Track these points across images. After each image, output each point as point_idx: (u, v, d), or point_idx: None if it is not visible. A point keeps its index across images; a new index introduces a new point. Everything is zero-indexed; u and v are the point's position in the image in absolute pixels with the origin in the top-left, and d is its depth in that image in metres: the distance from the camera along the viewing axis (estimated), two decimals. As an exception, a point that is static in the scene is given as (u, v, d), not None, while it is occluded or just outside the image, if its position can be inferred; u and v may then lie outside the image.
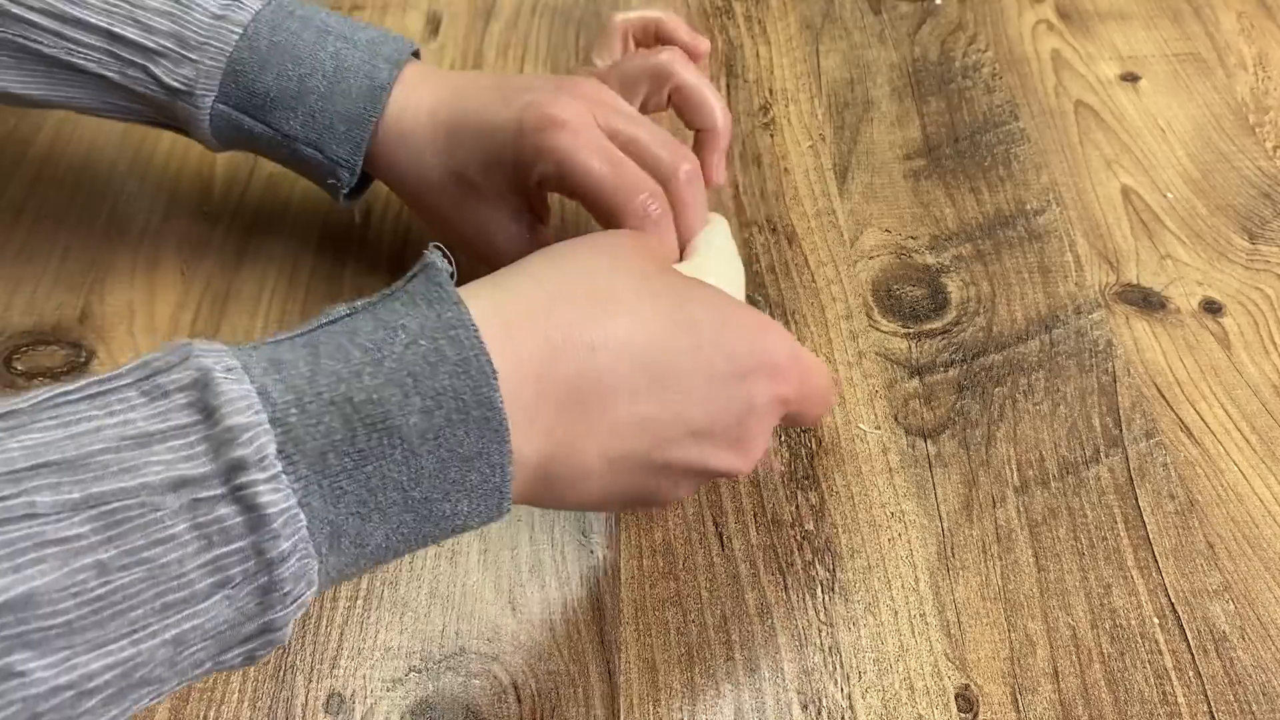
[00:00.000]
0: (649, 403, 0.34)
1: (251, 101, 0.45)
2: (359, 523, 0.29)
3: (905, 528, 0.44)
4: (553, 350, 0.32)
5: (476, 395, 0.30)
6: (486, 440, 0.30)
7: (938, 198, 0.57)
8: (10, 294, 0.53)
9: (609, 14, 0.49)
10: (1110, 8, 0.68)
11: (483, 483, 0.31)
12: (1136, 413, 0.47)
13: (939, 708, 0.39)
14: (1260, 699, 0.39)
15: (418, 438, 0.29)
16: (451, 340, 0.30)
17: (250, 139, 0.47)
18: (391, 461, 0.29)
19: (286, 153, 0.47)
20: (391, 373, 0.29)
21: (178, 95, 0.45)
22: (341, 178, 0.46)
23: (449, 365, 0.30)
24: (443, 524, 0.31)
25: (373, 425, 0.29)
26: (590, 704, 0.39)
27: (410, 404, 0.29)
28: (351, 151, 0.46)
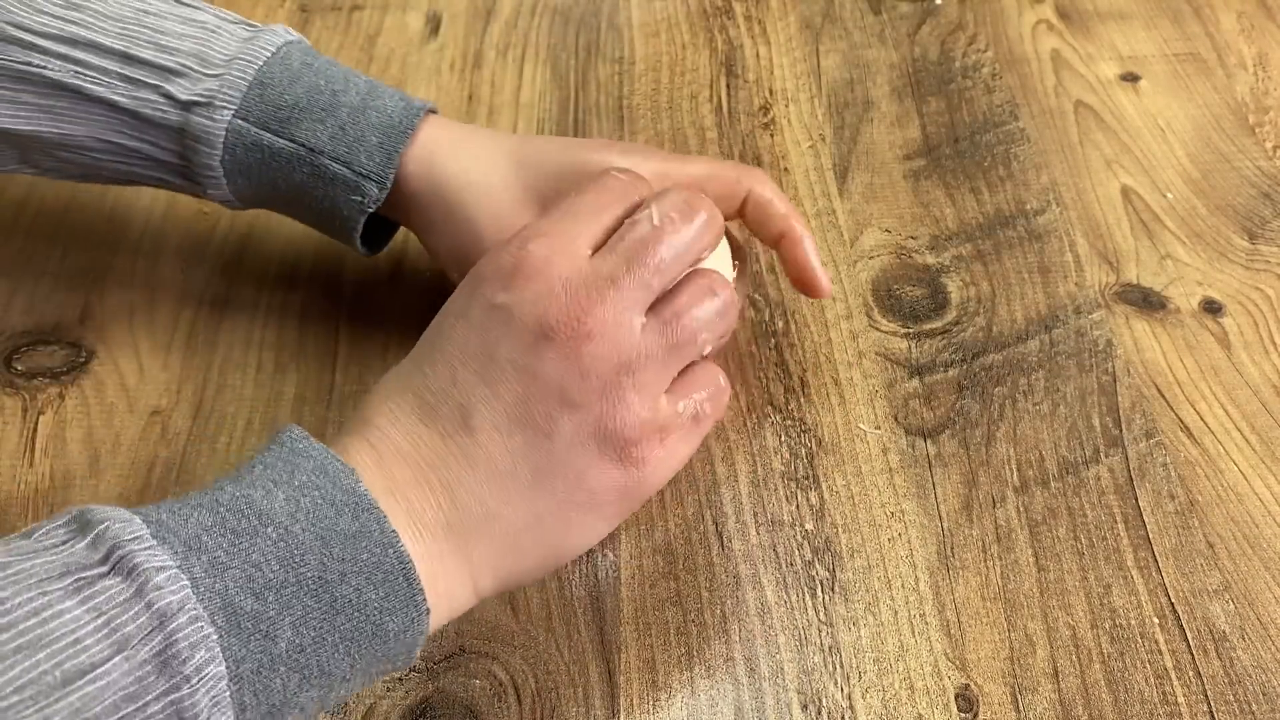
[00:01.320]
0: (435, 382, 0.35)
1: (276, 115, 0.43)
2: (254, 601, 0.29)
3: (905, 527, 0.44)
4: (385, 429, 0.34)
5: (338, 486, 0.31)
6: (363, 521, 0.31)
7: (938, 198, 0.57)
8: (10, 294, 0.53)
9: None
10: (1110, 8, 0.68)
11: (377, 563, 0.31)
12: (1136, 413, 0.47)
13: (939, 708, 0.39)
14: (1260, 699, 0.39)
15: (287, 518, 0.30)
16: (305, 456, 0.32)
17: (266, 162, 0.44)
18: (266, 539, 0.30)
19: (308, 172, 0.44)
20: (253, 480, 0.31)
21: (192, 109, 0.43)
22: (369, 193, 0.43)
23: (305, 471, 0.32)
24: (357, 618, 0.30)
25: (240, 511, 0.30)
26: (590, 704, 0.39)
27: (273, 495, 0.31)
28: (383, 163, 0.43)
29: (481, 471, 0.34)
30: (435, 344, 0.36)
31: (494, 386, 0.34)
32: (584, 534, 0.36)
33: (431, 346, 0.36)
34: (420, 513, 0.33)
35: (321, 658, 0.30)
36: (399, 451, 0.34)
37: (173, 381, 0.49)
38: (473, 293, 0.36)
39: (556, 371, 0.34)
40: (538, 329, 0.34)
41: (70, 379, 0.49)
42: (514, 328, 0.34)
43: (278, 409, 0.48)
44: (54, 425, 0.47)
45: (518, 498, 0.34)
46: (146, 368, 0.50)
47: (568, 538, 0.35)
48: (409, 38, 0.67)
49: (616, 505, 0.36)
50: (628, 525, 0.44)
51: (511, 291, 0.34)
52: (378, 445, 0.34)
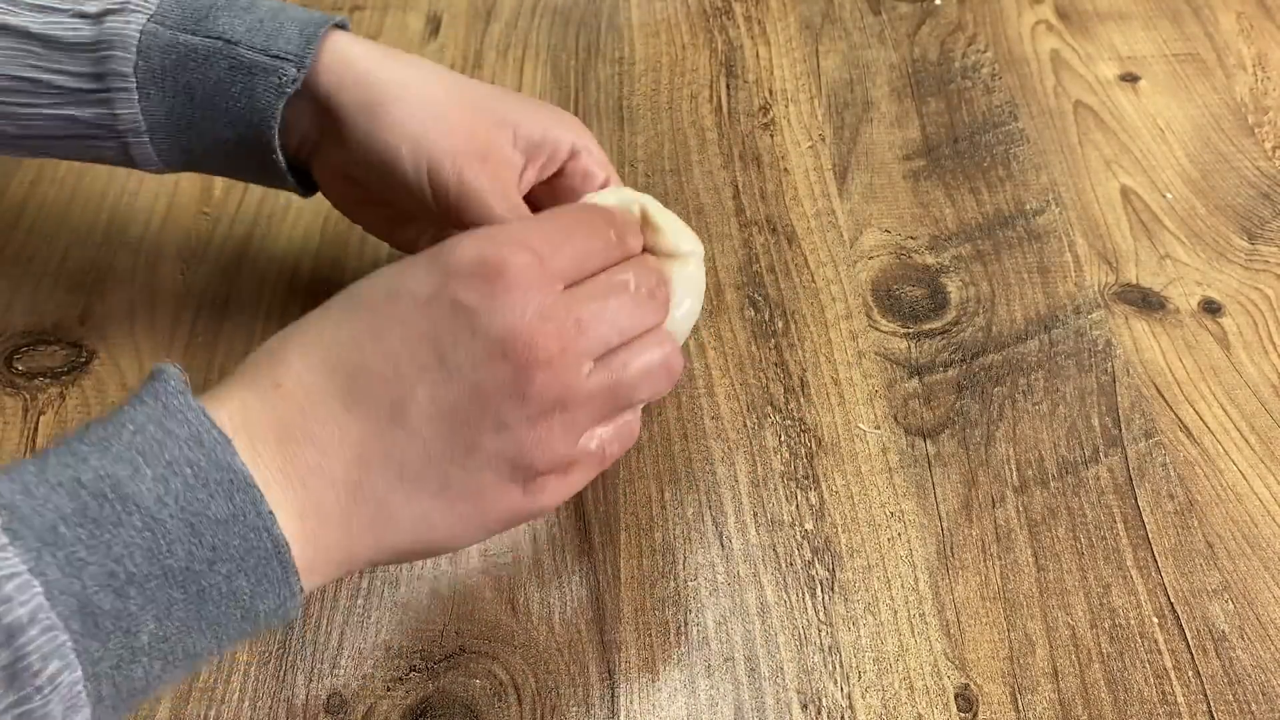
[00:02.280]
0: (352, 400, 0.33)
1: (193, 15, 0.42)
2: (115, 599, 0.27)
3: (905, 527, 0.44)
4: (245, 410, 0.32)
5: (213, 460, 0.30)
6: (237, 502, 0.29)
7: (937, 198, 0.57)
8: (10, 294, 0.53)
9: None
10: (1109, 8, 0.68)
11: (249, 551, 0.30)
12: (1136, 413, 0.48)
13: (939, 707, 0.39)
14: (1260, 699, 0.39)
15: (155, 502, 0.28)
16: (181, 422, 0.30)
17: (181, 64, 0.41)
18: (130, 528, 0.28)
19: (225, 66, 0.42)
20: (119, 454, 0.29)
21: (105, 19, 0.41)
22: (286, 74, 0.41)
23: (179, 442, 0.29)
24: (226, 605, 0.29)
25: (103, 496, 0.28)
26: (590, 704, 0.39)
27: (142, 474, 0.29)
28: (301, 47, 0.41)
29: (393, 471, 0.33)
30: (381, 318, 0.34)
31: (435, 389, 0.33)
32: (458, 540, 0.35)
33: (375, 317, 0.34)
34: (316, 502, 0.32)
35: (187, 643, 0.29)
36: (309, 435, 0.32)
37: (173, 381, 0.49)
38: (439, 282, 0.34)
39: (500, 390, 0.33)
40: (498, 344, 0.33)
41: (71, 379, 0.49)
42: (475, 336, 0.33)
43: (278, 409, 0.48)
44: (55, 425, 0.47)
45: (416, 502, 0.33)
46: (146, 368, 0.50)
47: (445, 545, 0.35)
48: (409, 38, 0.67)
49: (500, 523, 0.35)
50: (628, 525, 0.44)
51: (484, 297, 0.33)
52: (285, 421, 0.32)
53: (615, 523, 0.44)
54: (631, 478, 0.46)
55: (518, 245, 0.34)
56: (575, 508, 0.44)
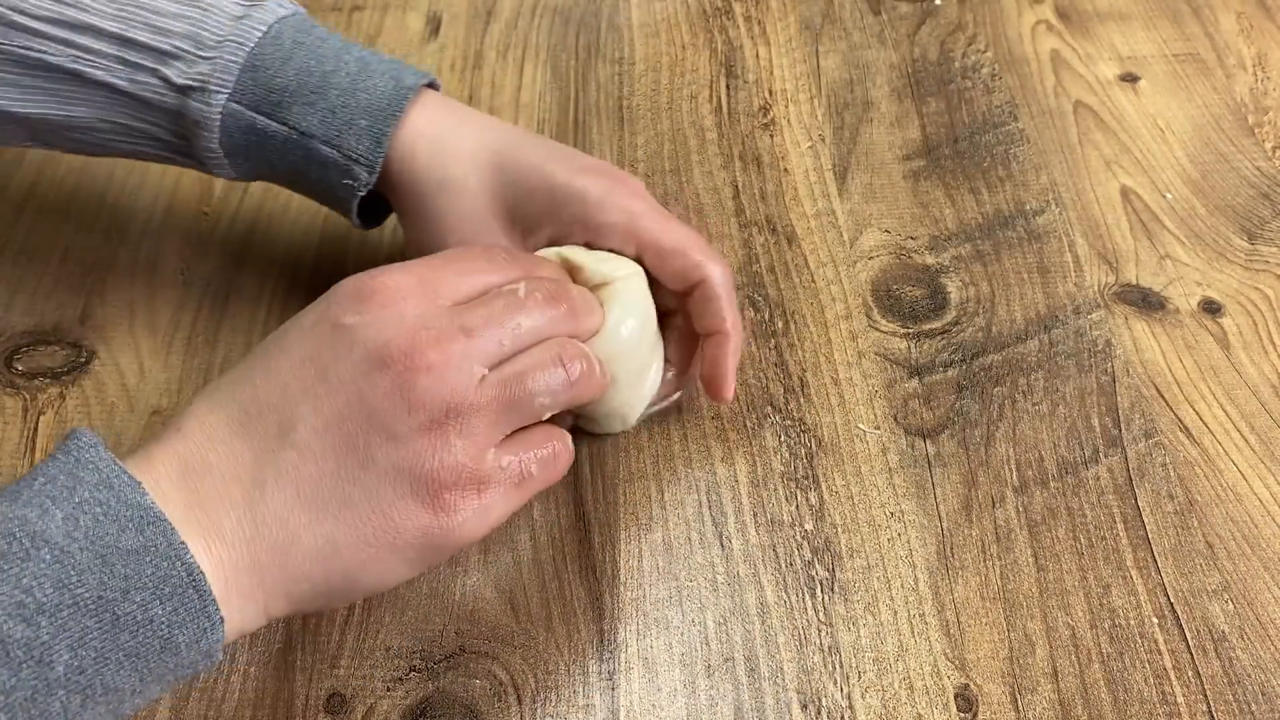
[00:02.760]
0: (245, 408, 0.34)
1: (268, 98, 0.43)
2: (25, 628, 0.28)
3: (905, 527, 0.44)
4: (148, 455, 0.33)
5: (123, 499, 0.30)
6: (148, 535, 0.30)
7: (937, 198, 0.57)
8: (10, 294, 0.53)
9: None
10: (1109, 8, 0.68)
11: (164, 577, 0.30)
12: (1135, 413, 0.48)
13: (938, 707, 0.39)
14: (1260, 699, 0.39)
15: (64, 538, 0.29)
16: (89, 468, 0.31)
17: (262, 144, 0.44)
18: (39, 561, 0.28)
19: (301, 155, 0.44)
20: (29, 500, 0.30)
21: (189, 94, 0.43)
22: (359, 177, 0.44)
23: (87, 487, 0.30)
24: (143, 634, 0.29)
25: (11, 533, 0.29)
26: (590, 704, 0.39)
27: (50, 515, 0.29)
28: (371, 147, 0.43)
29: (289, 490, 0.33)
30: (270, 355, 0.35)
31: (319, 403, 0.33)
32: (379, 574, 0.35)
33: (266, 357, 0.35)
34: (219, 527, 0.32)
35: (105, 676, 0.29)
36: (206, 464, 0.33)
37: (173, 381, 0.49)
38: (321, 311, 0.36)
39: (385, 399, 0.33)
40: (376, 354, 0.34)
41: (71, 379, 0.49)
42: (354, 349, 0.34)
43: (278, 409, 0.48)
44: (55, 425, 0.47)
45: (320, 524, 0.33)
46: (147, 368, 0.50)
47: (362, 575, 0.34)
48: (409, 38, 0.67)
49: (419, 550, 0.35)
50: (628, 525, 0.44)
51: (359, 314, 0.35)
52: (185, 456, 0.33)
53: (615, 523, 0.44)
54: (631, 478, 0.46)
55: (396, 271, 0.36)
56: (575, 507, 0.45)
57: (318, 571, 0.33)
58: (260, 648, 0.41)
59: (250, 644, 0.41)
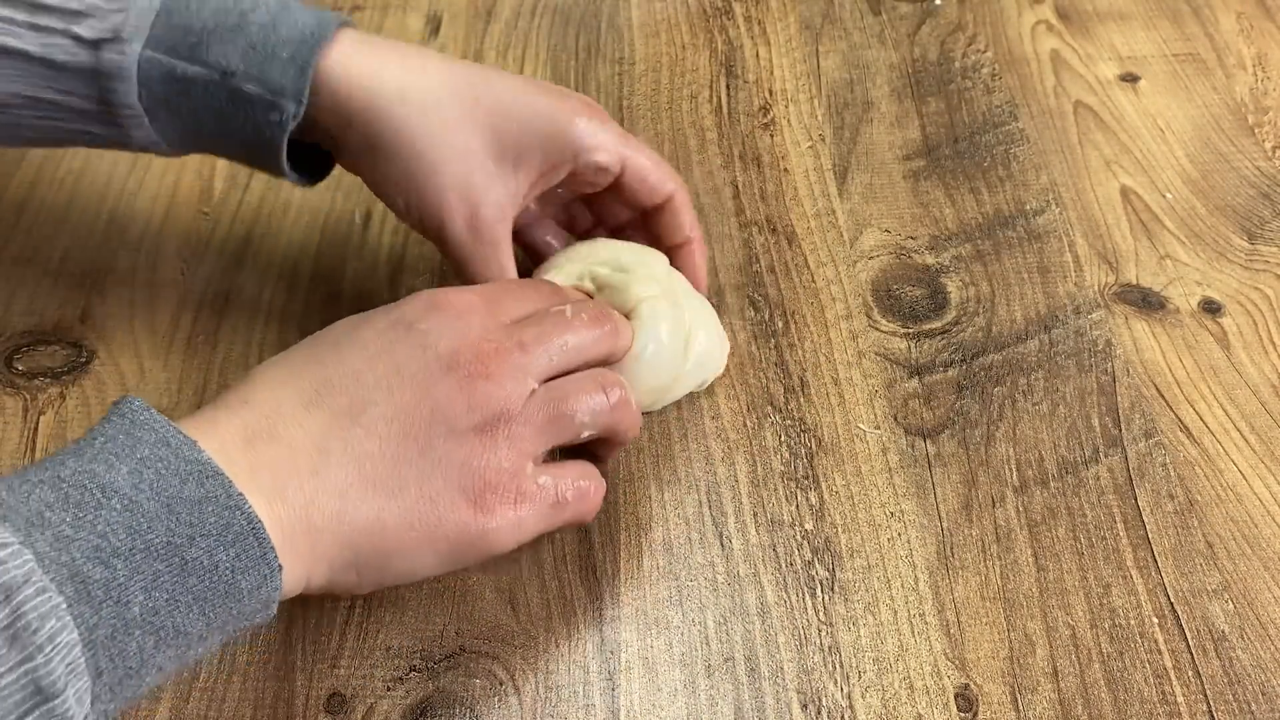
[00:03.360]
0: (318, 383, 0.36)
1: (186, 40, 0.41)
2: (103, 569, 0.29)
3: (905, 527, 0.44)
4: (212, 423, 0.34)
5: (180, 455, 0.32)
6: (208, 486, 0.31)
7: (937, 198, 0.57)
8: (10, 294, 0.53)
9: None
10: (1109, 8, 0.68)
11: (225, 528, 0.31)
12: (1136, 413, 0.48)
13: (939, 707, 0.39)
14: (1260, 699, 0.39)
15: (132, 489, 0.30)
16: (147, 428, 0.32)
17: (183, 92, 0.42)
18: (111, 510, 0.30)
19: (224, 98, 0.42)
20: (93, 456, 0.31)
21: (102, 47, 0.41)
22: (285, 109, 0.41)
23: (147, 446, 0.32)
24: (209, 579, 0.31)
25: (83, 486, 0.30)
26: (590, 704, 0.39)
27: (116, 468, 0.31)
28: (296, 77, 0.41)
29: (352, 465, 0.35)
30: (342, 346, 0.37)
31: (390, 393, 0.36)
32: (411, 563, 0.36)
33: (337, 347, 0.37)
34: (282, 489, 0.34)
35: (176, 619, 0.30)
36: (273, 434, 0.34)
37: (173, 381, 0.49)
38: (396, 316, 0.38)
39: (449, 397, 0.36)
40: (446, 356, 0.37)
41: (71, 379, 0.49)
42: (426, 350, 0.37)
43: (278, 409, 0.48)
44: (55, 425, 0.47)
45: (373, 500, 0.35)
46: (147, 368, 0.50)
47: (397, 559, 0.36)
48: (409, 38, 0.67)
49: (451, 546, 0.36)
50: (628, 525, 0.44)
51: (431, 321, 0.37)
52: (252, 425, 0.34)
53: (615, 523, 0.44)
54: (631, 478, 0.46)
55: (463, 291, 0.39)
56: (575, 508, 0.45)
57: (364, 545, 0.35)
58: (260, 648, 0.41)
59: (250, 644, 0.41)
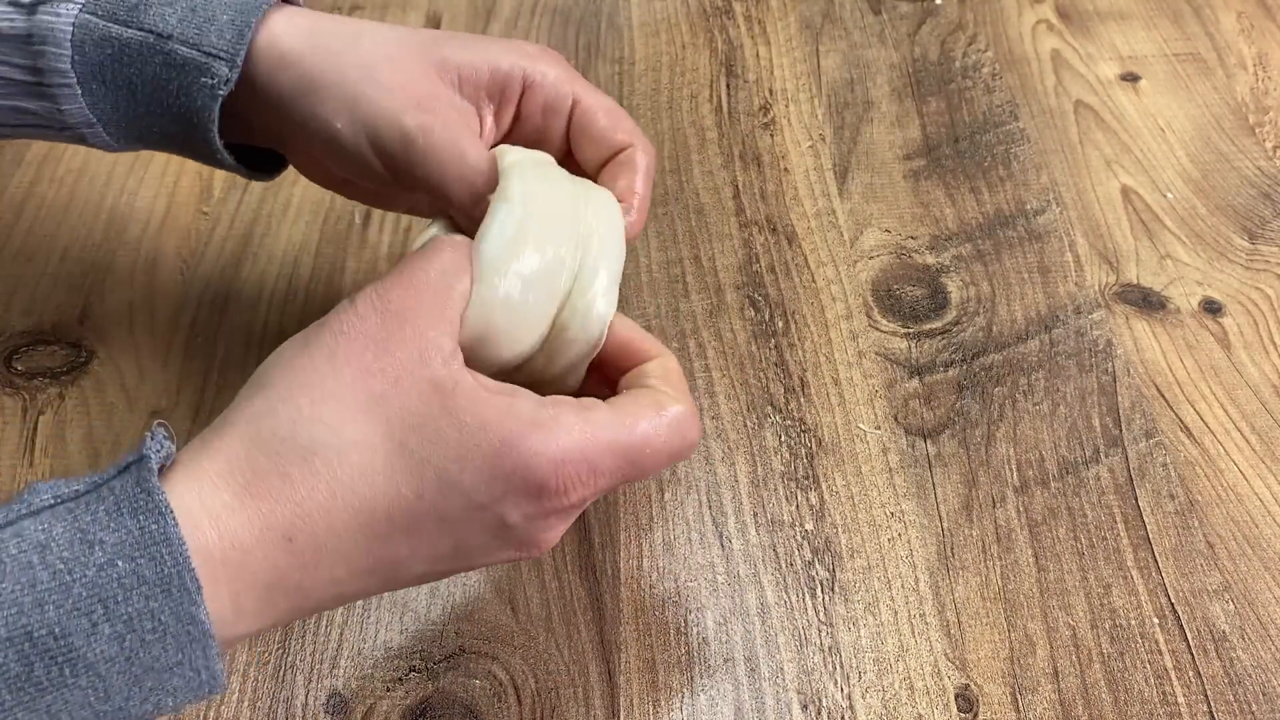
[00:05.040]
0: (369, 560, 0.31)
1: (124, 4, 0.39)
2: None
3: (905, 528, 0.44)
4: (243, 554, 0.30)
5: (176, 614, 0.28)
6: (188, 652, 0.29)
7: (938, 198, 0.57)
8: (10, 294, 0.53)
9: None
10: (1110, 8, 0.68)
11: (185, 684, 0.29)
12: (1136, 413, 0.47)
13: (939, 708, 0.39)
14: (1260, 699, 0.39)
15: (105, 663, 0.28)
16: (152, 559, 0.28)
17: (118, 57, 0.39)
18: (75, 689, 0.28)
19: (160, 62, 0.39)
20: (80, 600, 0.27)
21: (37, 10, 0.39)
22: (218, 73, 0.39)
23: (146, 587, 0.28)
24: (148, 713, 0.29)
25: (53, 658, 0.27)
26: (590, 704, 0.39)
27: (99, 632, 0.27)
28: (233, 40, 0.39)
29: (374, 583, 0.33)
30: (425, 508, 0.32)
31: (437, 566, 0.33)
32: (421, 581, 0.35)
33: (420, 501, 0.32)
34: (273, 620, 0.31)
35: None
36: (300, 588, 0.31)
37: (173, 381, 0.49)
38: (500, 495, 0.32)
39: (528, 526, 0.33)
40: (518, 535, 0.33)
41: (70, 379, 0.49)
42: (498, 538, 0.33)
43: (278, 409, 0.48)
44: (54, 425, 0.47)
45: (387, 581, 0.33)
46: (146, 368, 0.50)
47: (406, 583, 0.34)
48: (409, 38, 0.67)
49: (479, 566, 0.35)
50: (628, 525, 0.44)
51: (527, 518, 0.33)
52: (283, 572, 0.30)
53: (615, 523, 0.44)
54: (631, 478, 0.45)
55: (585, 472, 0.32)
56: (575, 508, 0.44)
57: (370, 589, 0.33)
58: (260, 648, 0.41)
59: (250, 644, 0.41)
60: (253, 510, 0.30)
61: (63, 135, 0.42)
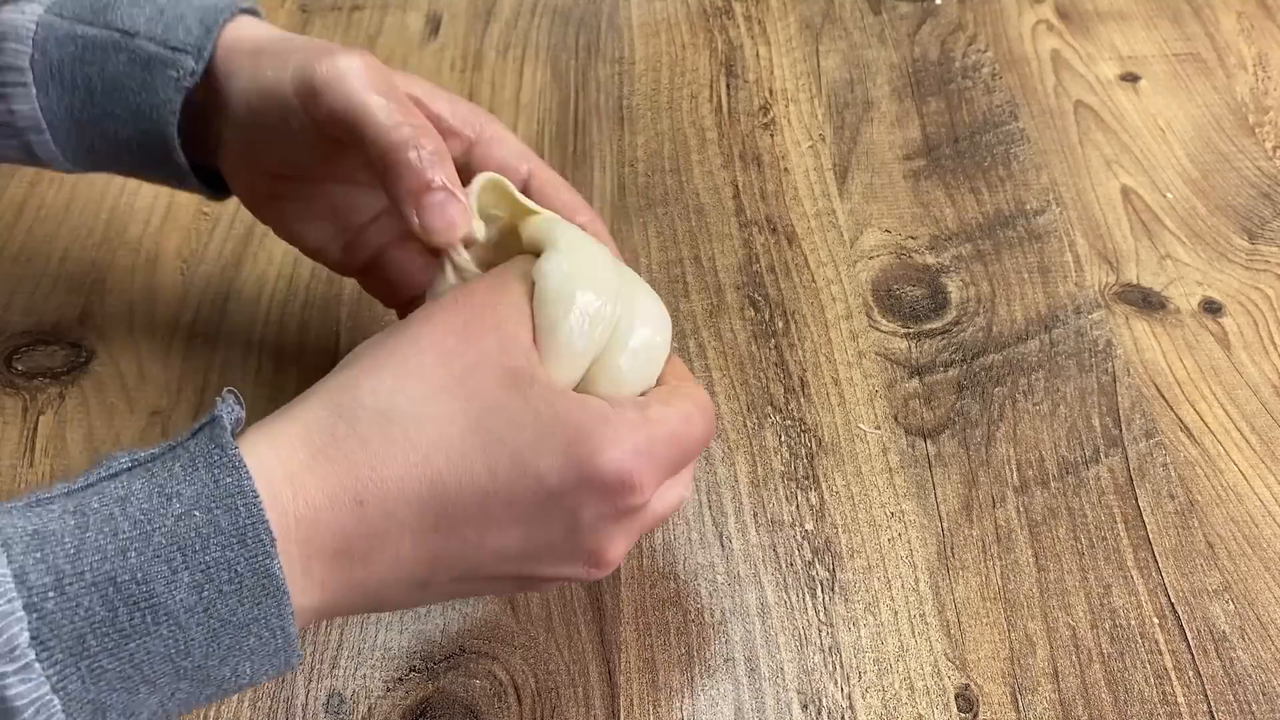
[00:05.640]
0: (437, 538, 0.32)
1: (91, 6, 0.39)
2: (125, 697, 0.28)
3: (905, 528, 0.44)
4: (315, 512, 0.30)
5: (252, 565, 0.29)
6: (263, 607, 0.29)
7: (938, 198, 0.57)
8: (10, 294, 0.53)
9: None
10: (1110, 8, 0.68)
11: (261, 645, 0.30)
12: (1136, 413, 0.47)
13: (939, 708, 0.39)
14: (1260, 699, 0.39)
15: (184, 612, 0.28)
16: (228, 510, 0.29)
17: (80, 57, 0.39)
18: (157, 637, 0.28)
19: (124, 60, 0.39)
20: (160, 548, 0.28)
21: (1, 9, 0.39)
22: (184, 66, 0.39)
23: (223, 536, 0.28)
24: (225, 685, 0.30)
25: (136, 604, 0.28)
26: (590, 704, 0.39)
27: (178, 579, 0.28)
28: (201, 37, 0.39)
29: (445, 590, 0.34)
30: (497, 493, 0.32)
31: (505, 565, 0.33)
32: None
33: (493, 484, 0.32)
34: (342, 606, 0.32)
35: (178, 713, 0.30)
36: (366, 557, 0.31)
37: (173, 381, 0.49)
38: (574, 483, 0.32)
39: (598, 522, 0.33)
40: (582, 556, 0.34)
41: (70, 379, 0.49)
42: (567, 540, 0.33)
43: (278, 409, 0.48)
44: (54, 425, 0.47)
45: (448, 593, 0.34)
46: (146, 368, 0.50)
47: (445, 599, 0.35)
48: (409, 38, 0.67)
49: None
50: (628, 525, 0.44)
51: (598, 517, 0.33)
52: (352, 538, 0.31)
53: (615, 523, 0.44)
54: (631, 478, 0.45)
55: (652, 467, 0.33)
56: (575, 508, 0.44)
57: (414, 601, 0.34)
58: (260, 648, 0.41)
59: (250, 644, 0.41)
60: (328, 470, 0.30)
61: (9, 147, 0.42)
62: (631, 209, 0.56)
